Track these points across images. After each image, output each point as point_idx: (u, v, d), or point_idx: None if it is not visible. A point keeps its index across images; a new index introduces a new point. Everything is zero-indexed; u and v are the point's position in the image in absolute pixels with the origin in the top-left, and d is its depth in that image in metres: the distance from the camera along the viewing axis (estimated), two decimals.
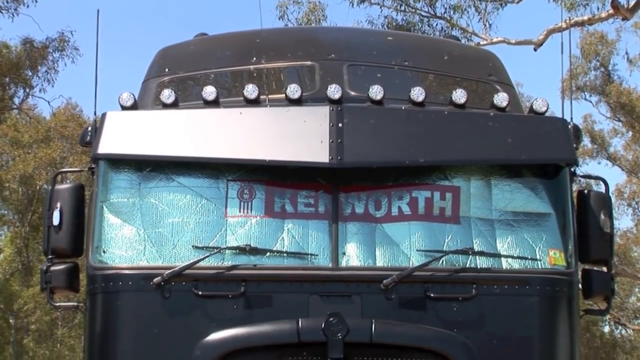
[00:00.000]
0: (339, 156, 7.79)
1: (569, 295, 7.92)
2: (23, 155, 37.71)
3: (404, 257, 7.85)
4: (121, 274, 7.78)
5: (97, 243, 7.92)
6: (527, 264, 7.94)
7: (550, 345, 7.78)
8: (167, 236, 7.89)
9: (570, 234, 8.07)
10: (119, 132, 8.10)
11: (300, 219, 7.95)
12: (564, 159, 8.21)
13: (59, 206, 8.12)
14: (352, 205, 7.98)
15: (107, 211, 8.00)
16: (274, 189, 8.04)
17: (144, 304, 7.72)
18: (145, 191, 8.04)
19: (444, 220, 8.01)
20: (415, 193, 8.06)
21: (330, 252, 7.81)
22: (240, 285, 7.66)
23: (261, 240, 7.85)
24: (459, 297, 7.71)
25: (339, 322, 7.41)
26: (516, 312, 7.77)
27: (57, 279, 8.07)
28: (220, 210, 7.97)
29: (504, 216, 8.09)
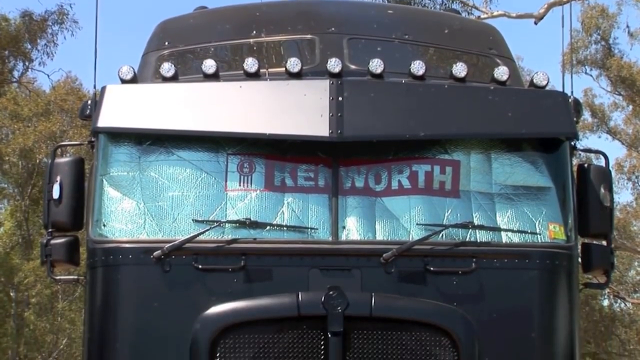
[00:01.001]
0: (339, 130, 7.78)
1: (569, 269, 7.93)
2: (23, 129, 37.68)
3: (403, 231, 7.86)
4: (121, 248, 7.79)
5: (97, 216, 7.93)
6: (526, 238, 7.94)
7: (549, 318, 7.80)
8: (167, 210, 7.90)
9: (570, 208, 8.07)
10: (119, 106, 8.09)
11: (300, 193, 7.95)
12: (564, 132, 8.20)
13: (58, 180, 8.12)
14: (352, 179, 7.98)
15: (107, 185, 8.00)
16: (274, 162, 8.04)
17: (144, 277, 7.74)
18: (145, 165, 8.04)
19: (444, 194, 8.01)
20: (415, 167, 8.06)
21: (330, 225, 7.82)
22: (240, 259, 7.67)
23: (261, 214, 7.86)
24: (458, 270, 7.72)
25: (338, 295, 7.42)
26: (516, 285, 7.78)
27: (57, 252, 8.08)
28: (220, 184, 7.97)
29: (503, 190, 8.09)
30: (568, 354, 7.87)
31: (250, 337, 7.51)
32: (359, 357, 7.48)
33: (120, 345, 7.71)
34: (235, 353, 7.49)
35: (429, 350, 7.54)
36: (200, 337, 7.50)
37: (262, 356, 7.50)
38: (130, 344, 7.71)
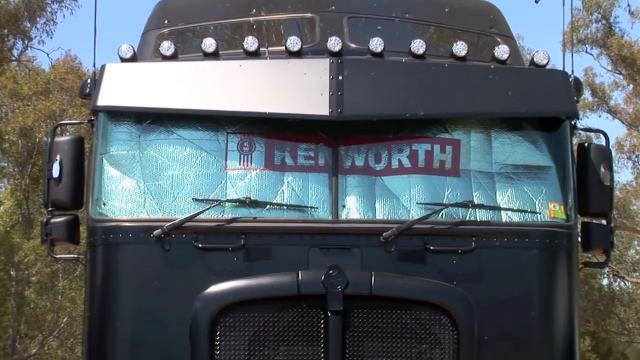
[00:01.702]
0: (339, 109, 7.78)
1: (568, 247, 7.94)
2: (22, 108, 37.58)
3: (403, 210, 7.87)
4: (121, 227, 7.79)
5: (97, 195, 7.93)
6: (526, 217, 7.95)
7: (549, 297, 7.82)
8: (167, 189, 7.90)
9: (570, 187, 8.07)
10: (119, 85, 8.08)
11: (300, 172, 7.95)
12: (565, 111, 8.19)
13: (58, 158, 8.11)
14: (352, 158, 7.98)
15: (106, 163, 8.00)
16: (274, 141, 8.03)
17: (144, 256, 7.74)
18: (145, 144, 8.03)
19: (444, 173, 8.01)
20: (415, 146, 8.06)
21: (330, 204, 7.82)
22: (240, 238, 7.68)
23: (261, 193, 7.86)
24: (458, 249, 7.73)
25: (338, 274, 7.43)
26: (515, 264, 7.79)
27: (57, 231, 8.09)
28: (220, 163, 7.97)
29: (504, 169, 8.09)
30: (567, 333, 7.90)
31: (251, 316, 7.53)
32: (359, 335, 7.50)
33: (121, 323, 7.72)
34: (236, 332, 7.51)
35: (428, 329, 7.56)
36: (201, 315, 7.51)
37: (262, 335, 7.52)
38: (130, 323, 7.72)
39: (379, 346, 7.52)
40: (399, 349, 7.52)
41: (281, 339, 7.52)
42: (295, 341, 7.50)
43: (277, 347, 7.52)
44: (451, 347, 7.54)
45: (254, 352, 7.51)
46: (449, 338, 7.55)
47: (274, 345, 7.52)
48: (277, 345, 7.52)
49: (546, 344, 7.79)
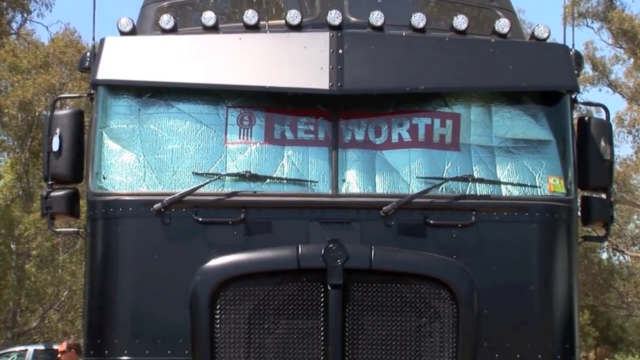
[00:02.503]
0: (339, 83, 7.76)
1: (568, 222, 7.95)
2: (22, 81, 37.51)
3: (403, 184, 7.87)
4: (121, 200, 7.80)
5: (97, 169, 7.93)
6: (526, 191, 7.96)
7: (548, 271, 7.83)
8: (167, 162, 7.90)
9: (570, 161, 8.07)
10: (118, 58, 8.06)
11: (300, 146, 7.95)
12: (565, 85, 8.18)
13: (58, 132, 8.10)
14: (352, 132, 7.97)
15: (106, 137, 7.99)
16: (274, 115, 8.02)
17: (144, 230, 7.75)
18: (145, 117, 8.02)
19: (444, 147, 8.01)
20: (416, 120, 8.05)
21: (330, 179, 7.82)
22: (240, 212, 7.68)
23: (261, 167, 7.86)
24: (458, 224, 7.74)
25: (338, 248, 7.44)
26: (515, 238, 7.80)
27: (57, 204, 8.09)
28: (220, 137, 7.97)
29: (504, 143, 8.09)
30: (567, 307, 7.91)
31: (250, 289, 7.55)
32: (359, 309, 7.52)
33: (121, 297, 7.74)
34: (236, 305, 7.53)
35: (428, 302, 7.58)
36: (201, 289, 7.53)
37: (262, 308, 7.54)
38: (131, 296, 7.74)
39: (378, 320, 7.54)
40: (398, 322, 7.54)
41: (281, 312, 7.54)
42: (295, 315, 7.52)
43: (277, 320, 7.54)
44: (451, 320, 7.56)
45: (253, 325, 7.53)
46: (448, 312, 7.57)
47: (273, 319, 7.54)
48: (277, 319, 7.54)
49: (546, 317, 7.81)
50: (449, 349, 7.55)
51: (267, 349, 7.52)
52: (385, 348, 7.52)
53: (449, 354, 7.55)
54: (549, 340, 7.78)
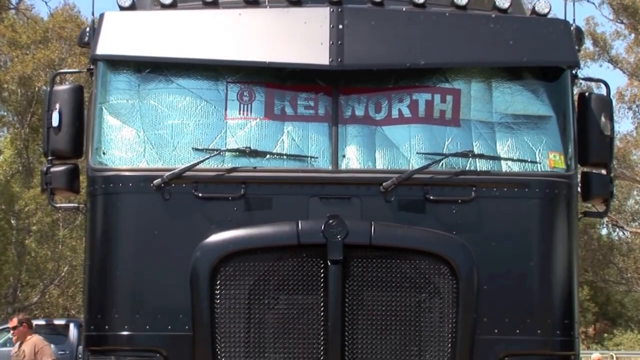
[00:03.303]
0: (339, 58, 7.74)
1: (568, 197, 7.95)
2: (21, 56, 37.43)
3: (403, 160, 7.86)
4: (121, 176, 7.80)
5: (97, 145, 7.92)
6: (526, 167, 7.95)
7: (548, 247, 7.84)
8: (166, 138, 7.89)
9: (571, 137, 8.06)
10: (117, 33, 8.04)
11: (300, 122, 7.93)
12: (566, 61, 8.16)
13: (57, 107, 8.09)
14: (352, 107, 7.96)
15: (106, 113, 7.98)
16: (274, 91, 8.01)
17: (144, 205, 7.75)
18: (145, 93, 8.01)
19: (444, 123, 8.00)
20: (416, 95, 8.03)
21: (330, 154, 7.82)
22: (240, 188, 7.68)
23: (261, 143, 7.85)
24: (458, 199, 7.73)
25: (338, 224, 7.45)
26: (515, 214, 7.80)
27: (57, 180, 8.09)
28: (219, 113, 7.95)
29: (504, 119, 8.08)
30: (566, 282, 7.93)
31: (250, 265, 7.56)
32: (358, 285, 7.53)
33: (121, 272, 7.75)
34: (236, 281, 7.54)
35: (428, 278, 7.59)
36: (201, 264, 7.54)
37: (262, 284, 7.55)
38: (131, 272, 7.75)
39: (378, 295, 7.55)
40: (398, 298, 7.56)
41: (281, 288, 7.55)
42: (295, 290, 7.53)
43: (277, 296, 7.55)
44: (450, 296, 7.58)
45: (253, 301, 7.54)
46: (448, 287, 7.58)
47: (273, 294, 7.55)
48: (277, 294, 7.55)
49: (545, 293, 7.83)
50: (448, 324, 7.57)
51: (267, 324, 7.54)
52: (385, 323, 7.54)
53: (449, 329, 7.56)
54: (548, 316, 7.80)
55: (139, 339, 7.66)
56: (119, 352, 7.70)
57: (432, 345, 7.57)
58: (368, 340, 7.53)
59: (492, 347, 7.63)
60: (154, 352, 7.62)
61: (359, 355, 7.52)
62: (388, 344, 7.54)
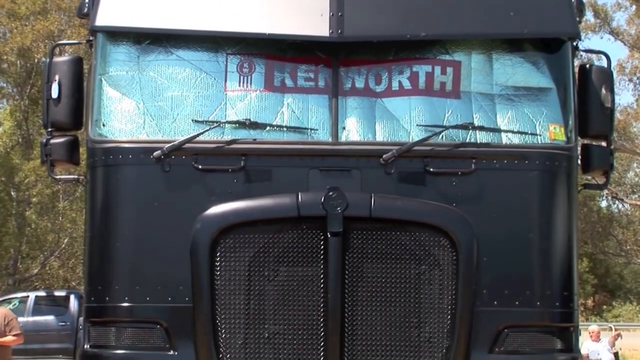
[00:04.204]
0: (339, 30, 7.72)
1: (568, 169, 7.95)
2: (20, 28, 37.29)
3: (403, 132, 7.85)
4: (121, 148, 7.79)
5: (97, 116, 7.91)
6: (527, 139, 7.94)
7: (548, 219, 7.85)
8: (166, 110, 7.88)
9: (571, 109, 8.06)
10: (117, 4, 8.01)
11: (300, 93, 7.92)
12: (566, 32, 8.14)
13: (57, 79, 8.07)
14: (353, 79, 7.94)
15: (105, 84, 7.96)
16: (274, 62, 7.98)
17: (144, 177, 7.75)
18: (144, 64, 7.99)
19: (445, 94, 7.98)
20: (416, 67, 8.02)
21: (330, 126, 7.81)
22: (240, 160, 7.68)
23: (261, 115, 7.84)
24: (458, 171, 7.73)
25: (338, 196, 7.45)
26: (515, 186, 7.80)
27: (57, 151, 8.08)
28: (219, 84, 7.94)
29: (504, 91, 8.06)
30: (566, 254, 7.94)
31: (250, 237, 7.56)
32: (358, 257, 7.54)
33: (121, 244, 7.76)
34: (235, 253, 7.55)
35: (427, 250, 7.60)
36: (201, 236, 7.55)
37: (262, 256, 7.56)
38: (131, 243, 7.76)
39: (378, 267, 7.56)
40: (398, 270, 7.57)
41: (281, 260, 7.56)
42: (295, 262, 7.55)
43: (276, 268, 7.56)
44: (450, 268, 7.59)
45: (253, 272, 7.56)
46: (448, 259, 7.59)
47: (273, 266, 7.57)
48: (276, 266, 7.56)
49: (544, 264, 7.84)
50: (448, 296, 7.59)
51: (267, 296, 7.55)
52: (384, 295, 7.56)
53: (448, 301, 7.58)
54: (547, 288, 7.82)
55: (139, 310, 7.69)
56: (119, 324, 7.73)
57: (432, 316, 7.59)
58: (368, 312, 7.55)
59: (492, 319, 7.66)
60: (154, 324, 7.65)
61: (358, 326, 7.54)
62: (388, 315, 7.56)
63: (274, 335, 7.54)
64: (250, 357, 7.54)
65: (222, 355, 7.52)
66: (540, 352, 7.79)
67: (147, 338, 7.66)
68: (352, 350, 7.53)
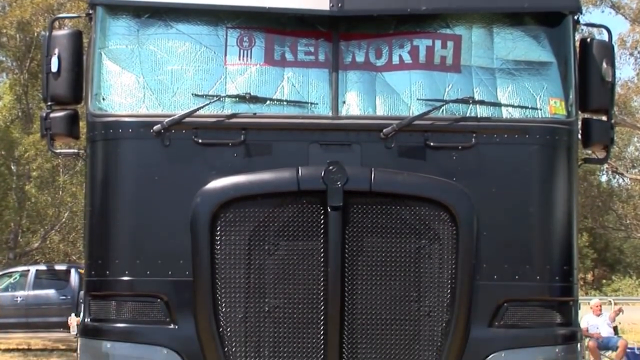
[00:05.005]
0: (339, 3, 7.70)
1: (569, 144, 7.94)
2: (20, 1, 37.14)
3: (404, 106, 7.84)
4: (121, 122, 7.78)
5: (96, 90, 7.90)
6: (527, 113, 7.93)
7: (548, 193, 7.85)
8: (166, 84, 7.87)
9: (572, 83, 8.04)
10: None
11: (300, 67, 7.90)
12: (567, 6, 8.11)
13: (57, 53, 8.05)
14: (353, 53, 7.92)
15: (105, 58, 7.95)
16: (274, 36, 7.96)
17: (144, 151, 7.75)
18: (144, 38, 7.97)
19: (445, 69, 7.97)
20: (417, 41, 7.99)
21: (330, 100, 7.80)
22: (240, 134, 7.67)
23: (261, 89, 7.83)
24: (458, 146, 7.73)
25: (338, 170, 7.45)
26: (515, 160, 7.80)
27: (56, 125, 8.08)
28: (219, 58, 7.92)
29: (505, 65, 8.05)
30: (566, 229, 7.95)
31: (250, 211, 7.57)
32: (358, 231, 7.55)
33: (121, 218, 7.77)
34: (236, 227, 7.56)
35: (427, 224, 7.60)
36: (201, 210, 7.56)
37: (262, 230, 7.57)
38: (131, 217, 7.77)
39: (378, 241, 7.57)
40: (398, 244, 7.58)
41: (281, 234, 7.57)
42: (295, 236, 7.56)
43: (276, 242, 7.57)
44: (450, 242, 7.60)
45: (253, 246, 7.57)
46: (448, 233, 7.60)
47: (273, 240, 7.58)
48: (276, 241, 7.57)
49: (544, 239, 7.85)
50: (447, 270, 7.60)
51: (267, 270, 7.57)
52: (384, 269, 7.57)
53: (448, 275, 7.60)
54: (547, 262, 7.83)
55: (139, 284, 7.70)
56: (119, 297, 7.75)
57: (432, 290, 7.61)
58: (368, 286, 7.57)
59: (491, 293, 7.68)
60: (154, 297, 7.67)
61: (358, 300, 7.56)
62: (388, 289, 7.58)
63: (274, 309, 7.56)
64: (250, 331, 7.57)
65: (222, 329, 7.55)
66: (540, 325, 7.82)
67: (147, 312, 7.69)
68: (352, 324, 7.55)
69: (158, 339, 7.63)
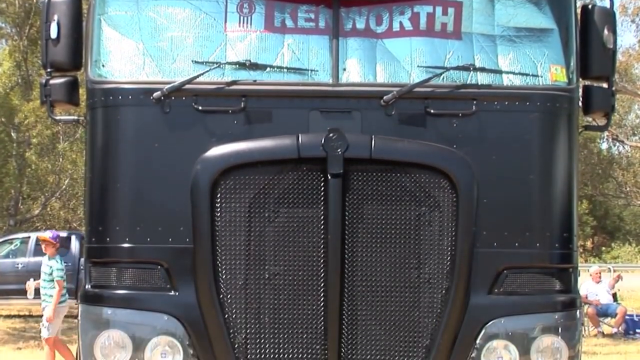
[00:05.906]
0: None
1: (569, 111, 7.93)
2: None
3: (404, 73, 7.82)
4: (120, 88, 7.76)
5: (96, 57, 7.87)
6: (528, 80, 7.91)
7: (548, 160, 7.85)
8: (166, 50, 7.84)
9: (573, 50, 8.02)
10: None
11: (301, 34, 7.87)
12: None
13: (56, 19, 8.01)
14: (353, 20, 7.89)
15: (105, 24, 7.91)
16: (274, 3, 7.93)
17: (144, 118, 7.74)
18: (144, 4, 7.93)
19: (446, 35, 7.94)
20: (417, 8, 7.96)
21: (330, 67, 7.77)
22: (240, 101, 7.66)
23: (261, 56, 7.80)
24: (459, 113, 7.72)
25: (338, 137, 7.44)
26: (516, 128, 7.79)
27: (56, 92, 8.06)
28: (219, 25, 7.89)
29: (506, 32, 8.02)
30: (566, 196, 7.95)
31: (251, 178, 7.57)
32: (358, 198, 7.56)
33: (121, 185, 7.77)
34: (236, 194, 7.56)
35: (428, 192, 7.61)
36: (201, 177, 7.56)
37: (262, 197, 7.57)
38: (131, 184, 7.77)
39: (378, 209, 7.58)
40: (398, 211, 7.59)
41: (281, 201, 7.57)
42: (295, 204, 7.56)
43: (277, 209, 7.58)
44: (450, 209, 7.61)
45: (253, 214, 7.58)
46: (448, 201, 7.60)
47: (273, 208, 7.58)
48: (277, 208, 7.58)
49: (544, 206, 7.86)
50: (447, 238, 7.62)
51: (267, 237, 7.58)
52: (384, 236, 7.58)
53: (448, 242, 7.61)
54: (547, 229, 7.84)
55: (140, 251, 7.72)
56: (120, 264, 7.77)
57: (432, 258, 7.62)
58: (367, 253, 7.58)
59: (491, 260, 7.70)
60: (154, 264, 7.68)
61: (358, 267, 7.58)
62: (387, 256, 7.59)
63: (274, 276, 7.58)
64: (250, 298, 7.59)
65: (223, 296, 7.57)
66: (539, 292, 7.84)
67: (148, 278, 7.70)
68: (352, 291, 7.57)
69: (159, 305, 7.65)
